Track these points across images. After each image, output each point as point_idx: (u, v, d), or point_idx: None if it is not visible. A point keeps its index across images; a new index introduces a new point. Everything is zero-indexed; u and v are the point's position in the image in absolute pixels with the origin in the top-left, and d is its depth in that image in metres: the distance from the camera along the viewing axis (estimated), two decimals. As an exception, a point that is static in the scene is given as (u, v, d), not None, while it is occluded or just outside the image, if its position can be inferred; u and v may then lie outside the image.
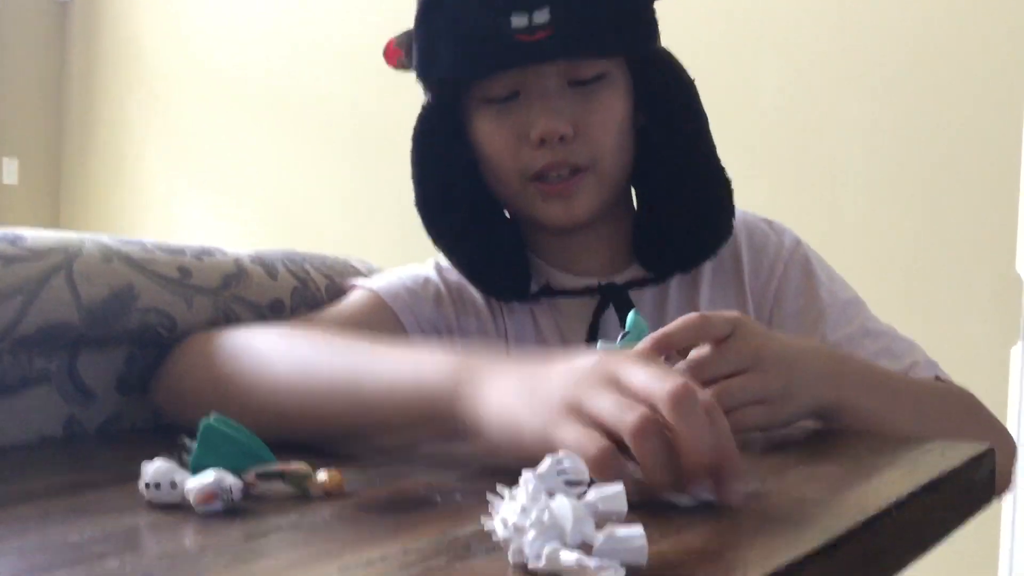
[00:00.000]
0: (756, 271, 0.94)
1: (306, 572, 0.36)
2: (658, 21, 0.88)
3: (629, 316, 0.65)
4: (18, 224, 0.78)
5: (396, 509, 0.46)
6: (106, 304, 0.71)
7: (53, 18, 3.29)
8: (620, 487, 0.40)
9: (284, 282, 0.87)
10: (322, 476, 0.49)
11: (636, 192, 0.95)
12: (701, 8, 1.97)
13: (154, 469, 0.47)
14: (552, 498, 0.37)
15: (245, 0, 2.89)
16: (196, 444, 0.49)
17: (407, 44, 0.90)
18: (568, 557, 0.34)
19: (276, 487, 0.49)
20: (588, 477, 0.42)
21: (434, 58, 0.85)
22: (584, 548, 0.35)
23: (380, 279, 0.94)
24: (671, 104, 0.89)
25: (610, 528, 0.35)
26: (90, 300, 0.70)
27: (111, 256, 0.73)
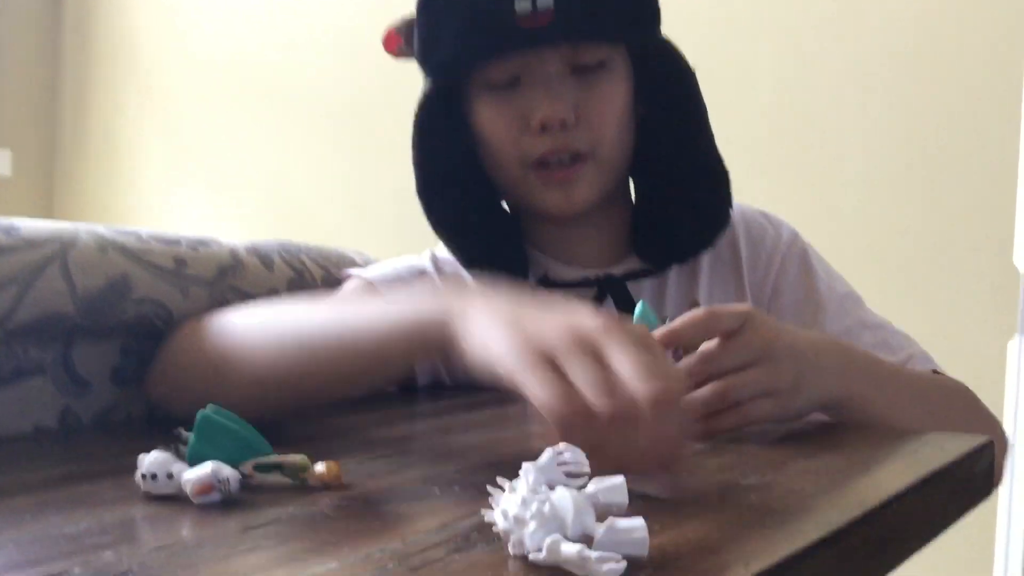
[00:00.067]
0: (754, 263, 0.93)
1: (304, 564, 0.36)
2: (660, 8, 0.87)
3: (637, 307, 0.65)
4: (11, 216, 0.77)
5: (394, 500, 0.46)
6: (101, 295, 0.71)
7: (47, 9, 3.28)
8: (621, 479, 0.40)
9: (280, 273, 0.86)
10: (320, 467, 0.49)
11: (635, 183, 0.95)
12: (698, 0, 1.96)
13: (150, 460, 0.47)
14: (553, 490, 0.37)
15: (240, -10, 2.88)
16: (193, 435, 0.49)
17: (407, 31, 0.90)
18: (569, 549, 0.33)
19: (273, 478, 0.49)
20: (588, 469, 0.42)
21: (436, 43, 0.84)
22: (585, 540, 0.35)
23: (375, 269, 0.94)
24: (671, 93, 0.89)
25: (611, 520, 0.35)
26: (85, 290, 0.70)
27: (106, 246, 0.73)
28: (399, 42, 0.91)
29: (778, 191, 1.82)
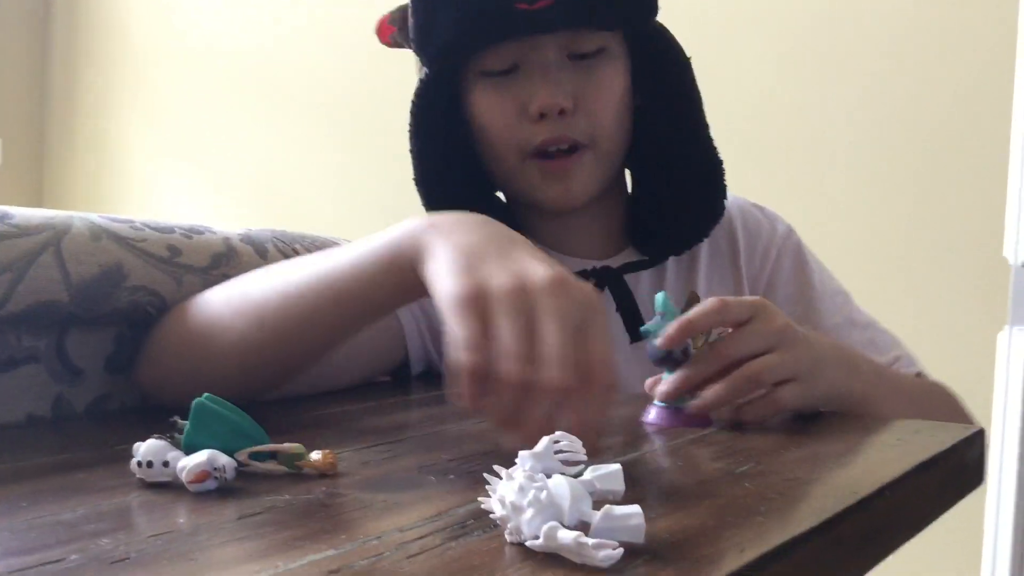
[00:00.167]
0: (751, 256, 0.94)
1: (302, 551, 0.36)
2: None
3: (658, 298, 0.65)
4: (1, 205, 0.77)
5: (390, 488, 0.46)
6: (95, 282, 0.70)
7: (37, -4, 3.26)
8: (618, 467, 0.40)
9: (274, 261, 0.86)
10: (315, 456, 0.49)
11: (631, 173, 0.95)
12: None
13: (146, 448, 0.47)
14: (549, 477, 0.37)
15: (232, -21, 2.86)
16: (188, 423, 0.49)
17: (400, 20, 0.89)
18: (566, 536, 0.34)
19: (269, 466, 0.49)
20: (585, 456, 0.42)
21: (433, 29, 0.83)
22: (582, 527, 0.35)
23: None
24: (668, 83, 0.88)
25: (607, 507, 0.35)
26: (79, 278, 0.69)
27: (100, 234, 0.73)
28: (392, 31, 0.90)
29: (768, 184, 1.83)
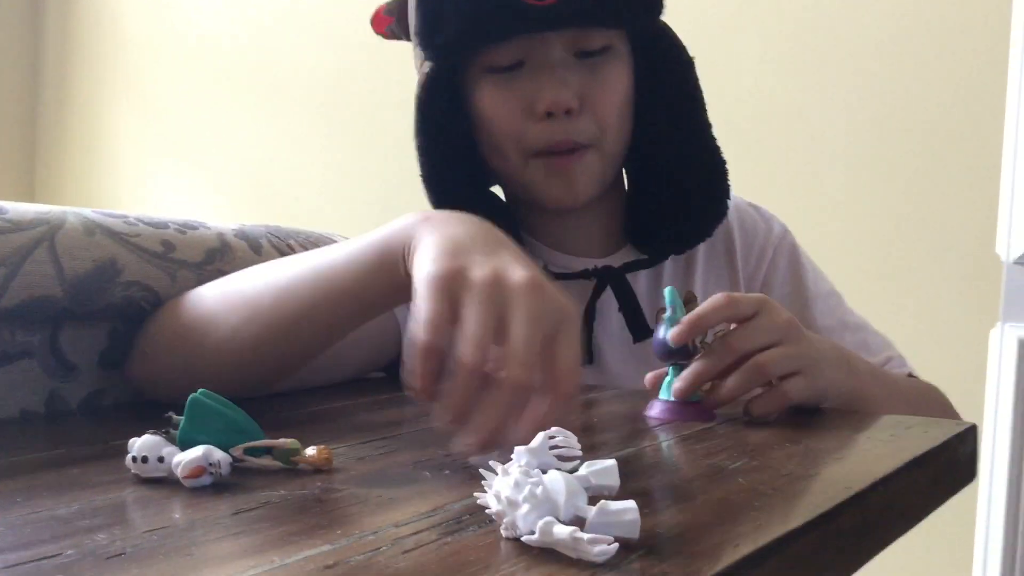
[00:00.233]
0: (747, 256, 0.94)
1: (297, 546, 0.36)
2: None
3: (666, 292, 0.65)
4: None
5: (386, 484, 0.46)
6: (89, 278, 0.70)
7: (28, -11, 3.24)
8: (613, 463, 0.40)
9: (268, 257, 0.86)
10: (310, 451, 0.49)
11: (629, 172, 0.94)
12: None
13: (141, 443, 0.47)
14: (545, 473, 0.37)
15: (225, -27, 2.85)
16: (183, 418, 0.49)
17: (398, 11, 0.88)
18: (561, 531, 0.34)
19: (264, 462, 0.49)
20: (580, 452, 0.42)
21: (439, 24, 0.82)
22: (577, 522, 0.35)
23: None
24: (670, 82, 0.88)
25: (603, 503, 0.35)
26: (73, 274, 0.69)
27: (94, 229, 0.72)
28: (389, 23, 0.89)
29: (760, 181, 1.83)
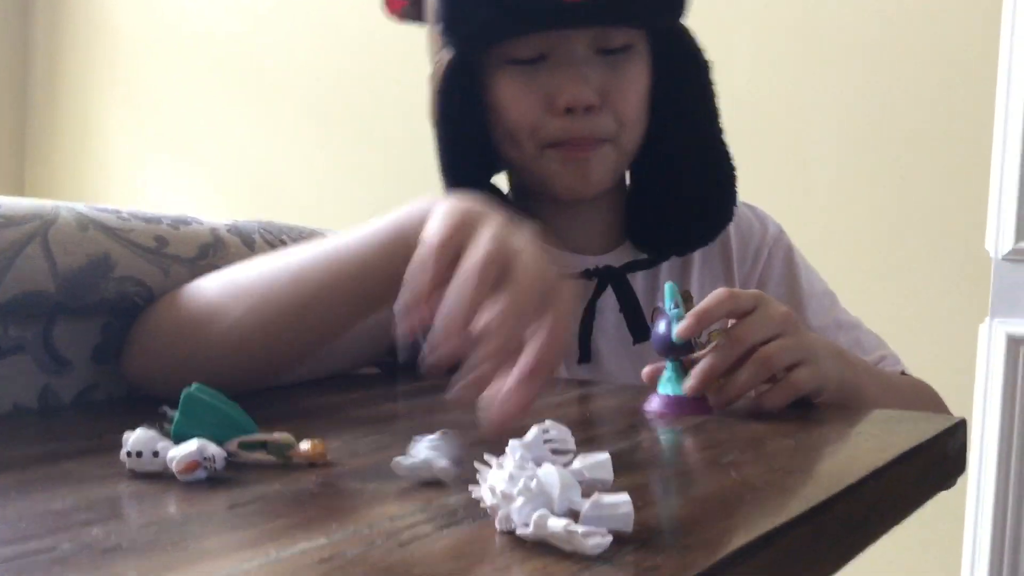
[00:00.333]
0: (743, 256, 0.94)
1: (293, 540, 0.36)
2: None
3: (667, 288, 0.66)
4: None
5: (380, 478, 0.46)
6: (82, 273, 0.70)
7: (18, -17, 3.22)
8: (607, 456, 0.40)
9: (261, 252, 0.86)
10: (305, 445, 0.49)
11: (632, 169, 0.94)
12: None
13: (135, 437, 0.47)
14: (539, 466, 0.38)
15: (216, -33, 2.84)
16: (178, 413, 0.49)
17: None
18: (556, 524, 0.34)
19: (259, 456, 0.49)
20: (574, 446, 0.43)
21: (465, 14, 0.82)
22: (571, 515, 0.36)
23: None
24: (685, 84, 0.88)
25: (597, 496, 0.36)
26: (66, 268, 0.69)
27: (87, 224, 0.72)
28: (404, 4, 0.88)
29: (750, 179, 1.83)
